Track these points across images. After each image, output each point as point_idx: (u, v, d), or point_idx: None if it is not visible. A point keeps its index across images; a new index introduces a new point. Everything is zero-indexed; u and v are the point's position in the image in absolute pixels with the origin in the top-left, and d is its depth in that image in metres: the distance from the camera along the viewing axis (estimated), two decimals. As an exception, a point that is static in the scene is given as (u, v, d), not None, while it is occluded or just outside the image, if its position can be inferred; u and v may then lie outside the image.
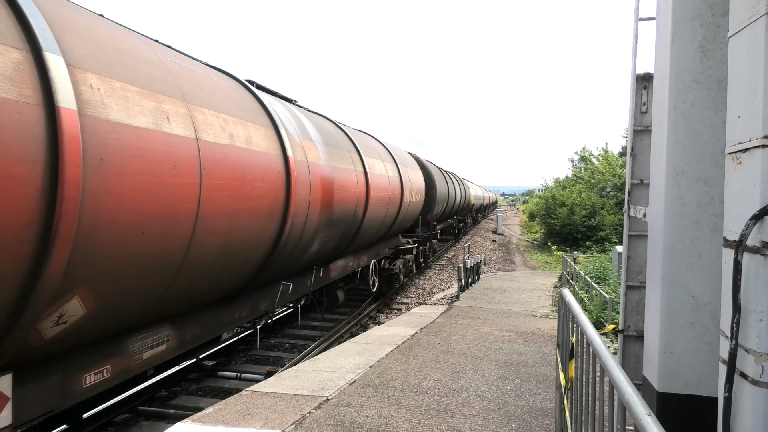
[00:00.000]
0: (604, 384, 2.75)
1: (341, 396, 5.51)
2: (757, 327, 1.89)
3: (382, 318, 13.93)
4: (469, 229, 43.68)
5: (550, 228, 33.42)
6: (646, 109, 5.05)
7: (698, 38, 3.24)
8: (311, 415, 4.93)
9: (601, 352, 2.72)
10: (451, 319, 10.63)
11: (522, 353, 7.71)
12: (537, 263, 27.17)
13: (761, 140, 1.88)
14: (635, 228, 5.15)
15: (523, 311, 12.22)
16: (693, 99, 3.24)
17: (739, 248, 1.95)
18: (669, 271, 3.29)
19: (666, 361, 3.29)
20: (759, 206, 1.88)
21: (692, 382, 3.22)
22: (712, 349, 3.15)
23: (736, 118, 2.09)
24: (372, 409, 5.16)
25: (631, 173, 5.16)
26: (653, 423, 1.87)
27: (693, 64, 3.24)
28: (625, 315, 5.14)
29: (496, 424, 4.90)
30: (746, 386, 1.92)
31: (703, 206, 3.20)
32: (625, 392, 2.16)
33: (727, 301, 2.03)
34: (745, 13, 2.03)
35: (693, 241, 3.22)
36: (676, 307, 3.27)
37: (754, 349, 1.89)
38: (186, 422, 4.69)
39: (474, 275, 16.81)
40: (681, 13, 3.28)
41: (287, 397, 5.41)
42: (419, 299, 16.58)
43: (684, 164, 3.24)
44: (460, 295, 14.39)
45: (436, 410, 5.17)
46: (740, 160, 2.04)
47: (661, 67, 3.57)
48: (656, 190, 3.57)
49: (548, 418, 5.05)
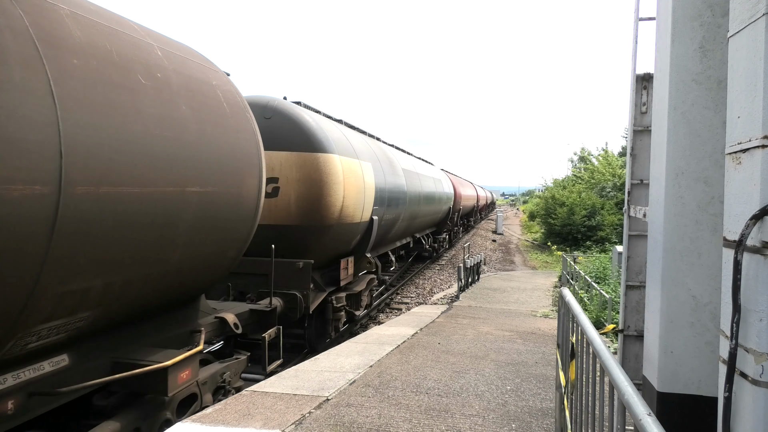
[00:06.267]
0: (604, 384, 2.76)
1: (341, 396, 5.52)
2: (757, 327, 1.89)
3: (382, 318, 13.93)
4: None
5: (550, 228, 33.45)
6: (646, 109, 5.05)
7: (698, 38, 3.24)
8: (311, 415, 4.93)
9: (601, 351, 2.72)
10: (451, 318, 10.64)
11: (522, 353, 7.72)
12: (537, 263, 27.17)
13: (761, 140, 1.88)
14: (635, 228, 5.15)
15: (523, 311, 12.22)
16: (693, 99, 3.24)
17: (739, 248, 1.95)
18: (669, 271, 3.29)
19: (666, 361, 3.29)
20: (759, 206, 1.88)
21: (692, 382, 3.22)
22: (712, 349, 3.15)
23: (736, 118, 2.09)
24: (372, 409, 5.16)
25: (631, 173, 5.16)
26: (653, 423, 1.87)
27: (693, 64, 3.25)
28: (625, 315, 5.15)
29: (496, 424, 4.90)
30: (746, 386, 1.92)
31: (703, 206, 3.21)
32: (625, 392, 2.16)
33: (727, 301, 2.03)
34: (745, 13, 2.03)
35: (693, 241, 3.23)
36: (676, 307, 3.27)
37: (754, 349, 1.89)
38: (186, 422, 4.70)
39: (474, 275, 16.81)
40: (681, 13, 3.28)
41: (287, 397, 5.42)
42: (419, 299, 16.59)
43: (684, 164, 3.24)
44: (460, 294, 14.39)
45: (436, 410, 5.17)
46: (740, 160, 2.04)
47: (661, 67, 3.57)
48: (656, 190, 3.58)
49: (548, 418, 5.05)
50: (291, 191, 8.67)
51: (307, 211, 8.71)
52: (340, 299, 10.15)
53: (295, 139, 8.79)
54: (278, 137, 8.72)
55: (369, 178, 10.84)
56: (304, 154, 8.80)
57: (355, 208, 9.82)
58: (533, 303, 13.59)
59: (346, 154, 9.82)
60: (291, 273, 8.40)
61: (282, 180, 8.69)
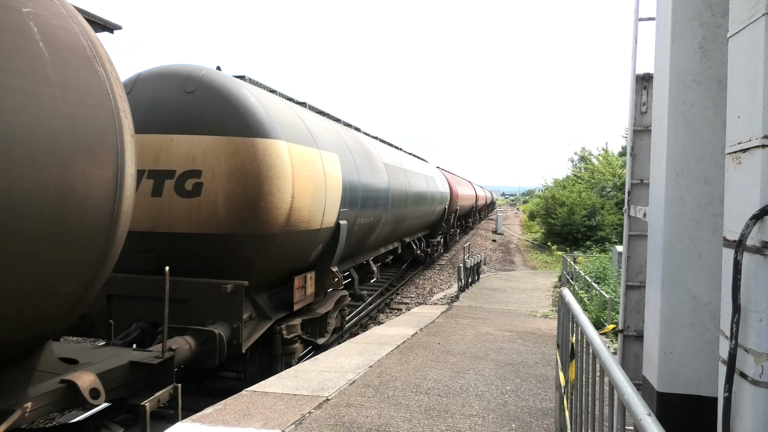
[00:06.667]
0: (604, 384, 2.75)
1: (341, 396, 5.52)
2: (757, 327, 1.89)
3: (382, 318, 13.94)
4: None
5: (550, 228, 33.46)
6: (646, 109, 5.05)
7: (698, 38, 3.24)
8: (311, 415, 4.93)
9: (601, 352, 2.72)
10: (451, 318, 10.64)
11: (522, 353, 7.72)
12: (537, 263, 27.18)
13: (761, 140, 1.88)
14: (635, 228, 5.15)
15: (523, 311, 12.22)
16: (693, 99, 3.24)
17: (739, 248, 1.95)
18: (669, 271, 3.29)
19: (666, 361, 3.29)
20: (759, 206, 1.88)
21: (692, 382, 3.22)
22: (712, 349, 3.15)
23: (736, 118, 2.09)
24: (372, 409, 5.16)
25: (631, 173, 5.16)
26: (653, 423, 1.87)
27: (693, 64, 3.25)
28: (625, 315, 5.15)
29: (496, 424, 4.90)
30: (746, 386, 1.92)
31: (703, 206, 3.21)
32: (625, 392, 2.16)
33: (727, 301, 2.03)
34: (745, 13, 2.03)
35: (693, 241, 3.22)
36: (676, 307, 3.27)
37: (754, 349, 1.89)
38: (186, 422, 4.70)
39: (474, 275, 16.81)
40: (681, 13, 3.28)
41: (287, 397, 5.42)
42: (419, 299, 16.59)
43: (684, 164, 3.24)
44: (460, 294, 14.39)
45: (436, 410, 5.17)
46: (740, 160, 2.04)
47: (661, 67, 3.57)
48: (656, 190, 3.58)
49: (548, 418, 5.05)
50: (219, 189, 6.46)
51: (240, 215, 6.50)
52: (293, 328, 7.68)
53: (226, 120, 6.59)
54: (202, 117, 6.59)
55: (334, 173, 8.67)
56: (237, 139, 6.56)
57: (313, 210, 7.65)
58: (533, 303, 13.59)
59: (300, 141, 7.60)
60: (216, 299, 6.31)
61: (206, 174, 6.49)
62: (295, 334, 7.76)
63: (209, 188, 6.49)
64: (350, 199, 9.46)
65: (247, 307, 6.68)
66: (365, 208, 10.58)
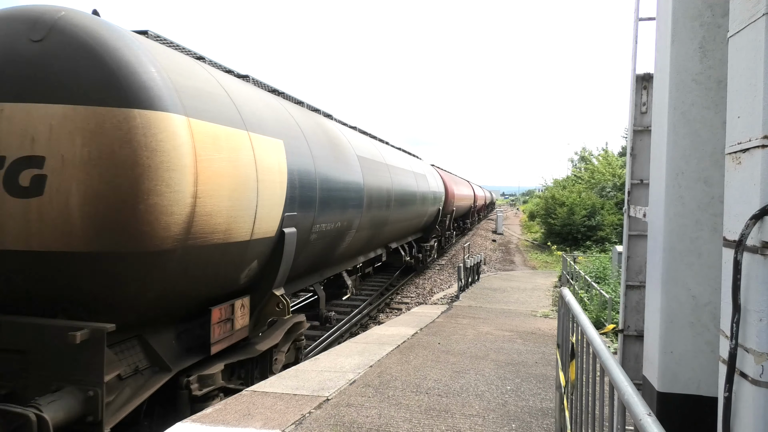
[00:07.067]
0: (604, 384, 2.76)
1: (341, 396, 5.52)
2: (757, 327, 1.89)
3: (382, 318, 13.94)
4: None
5: (550, 228, 33.48)
6: (646, 109, 5.05)
7: (698, 38, 3.24)
8: (311, 415, 4.93)
9: (601, 351, 2.72)
10: (451, 318, 10.64)
11: (522, 353, 7.72)
12: (537, 263, 27.18)
13: (761, 140, 1.88)
14: (635, 228, 5.15)
15: (523, 311, 12.22)
16: (693, 99, 3.24)
17: (739, 248, 1.95)
18: (669, 271, 3.29)
19: (666, 361, 3.29)
20: (759, 206, 1.88)
21: (692, 382, 3.22)
22: (712, 349, 3.15)
23: (736, 118, 2.09)
24: (372, 409, 5.16)
25: (631, 173, 5.16)
26: (653, 423, 1.88)
27: (693, 64, 3.25)
28: (625, 315, 5.15)
29: (496, 424, 4.90)
30: (746, 386, 1.92)
31: (703, 206, 3.21)
32: (625, 392, 2.16)
33: (727, 301, 2.03)
34: (745, 13, 2.03)
35: (693, 241, 3.23)
36: (676, 307, 3.27)
37: (754, 349, 1.89)
38: (186, 422, 4.70)
39: (474, 275, 16.81)
40: (681, 13, 3.28)
41: (287, 397, 5.42)
42: (419, 299, 16.59)
43: (684, 164, 3.25)
44: (460, 294, 14.39)
45: (436, 410, 5.18)
46: (740, 160, 2.04)
47: (661, 67, 3.57)
48: (656, 190, 3.58)
49: (548, 418, 5.05)
50: (72, 184, 4.29)
51: (106, 225, 4.35)
52: (208, 378, 5.51)
53: (86, 82, 4.35)
54: (51, 77, 4.35)
55: (273, 165, 6.33)
56: (101, 109, 4.32)
57: (234, 215, 5.42)
58: (533, 303, 13.60)
59: (214, 118, 5.32)
60: (61, 352, 4.22)
61: (52, 162, 4.29)
62: (213, 387, 5.57)
63: (57, 184, 4.28)
64: (302, 199, 7.14)
65: (127, 358, 4.77)
66: (328, 210, 8.21)
